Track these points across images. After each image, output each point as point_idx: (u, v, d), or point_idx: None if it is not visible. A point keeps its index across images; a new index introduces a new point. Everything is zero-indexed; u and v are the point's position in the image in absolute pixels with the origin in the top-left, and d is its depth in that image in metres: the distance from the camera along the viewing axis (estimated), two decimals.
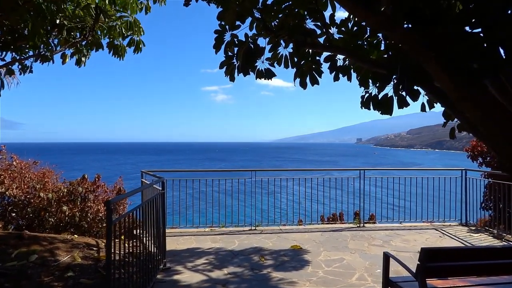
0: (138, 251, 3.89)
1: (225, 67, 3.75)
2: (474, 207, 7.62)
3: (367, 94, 3.18)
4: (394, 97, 3.01)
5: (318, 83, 3.65)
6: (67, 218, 6.70)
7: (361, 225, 7.47)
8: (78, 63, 6.49)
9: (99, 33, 6.20)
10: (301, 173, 13.52)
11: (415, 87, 2.92)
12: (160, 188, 4.79)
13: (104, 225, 6.78)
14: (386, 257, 3.09)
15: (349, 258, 5.26)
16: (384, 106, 3.00)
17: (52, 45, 6.28)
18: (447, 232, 6.91)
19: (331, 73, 3.58)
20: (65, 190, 6.89)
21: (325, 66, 3.87)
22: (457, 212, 7.68)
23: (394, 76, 2.64)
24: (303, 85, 3.70)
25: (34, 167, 7.63)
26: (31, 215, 6.70)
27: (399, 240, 6.29)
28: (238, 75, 3.78)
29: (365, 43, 3.19)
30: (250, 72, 3.81)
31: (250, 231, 6.93)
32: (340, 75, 3.56)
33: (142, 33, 6.23)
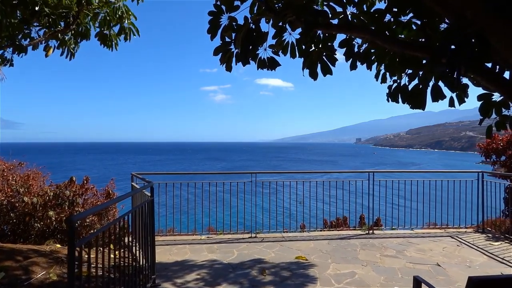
0: (123, 266, 3.33)
1: (220, 54, 3.19)
2: (492, 212, 7.08)
3: (395, 84, 2.63)
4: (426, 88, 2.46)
5: (331, 73, 3.09)
6: (54, 223, 6.19)
7: (369, 231, 6.92)
8: (65, 54, 5.93)
9: (88, 19, 5.64)
10: (305, 175, 13.04)
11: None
12: (149, 194, 4.20)
13: (91, 231, 6.25)
14: (417, 282, 2.54)
15: (361, 272, 4.70)
16: (416, 99, 2.45)
17: (37, 36, 5.75)
18: (464, 240, 6.36)
19: (347, 60, 3.02)
20: (52, 194, 6.37)
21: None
22: (473, 217, 7.14)
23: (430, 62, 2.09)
24: (314, 75, 3.14)
25: (19, 168, 7.14)
26: (15, 220, 6.22)
27: (413, 250, 5.74)
28: (236, 64, 3.23)
29: (392, 20, 2.62)
30: (251, 61, 3.27)
31: (250, 239, 6.38)
32: (358, 63, 3.00)
33: (134, 18, 5.66)
